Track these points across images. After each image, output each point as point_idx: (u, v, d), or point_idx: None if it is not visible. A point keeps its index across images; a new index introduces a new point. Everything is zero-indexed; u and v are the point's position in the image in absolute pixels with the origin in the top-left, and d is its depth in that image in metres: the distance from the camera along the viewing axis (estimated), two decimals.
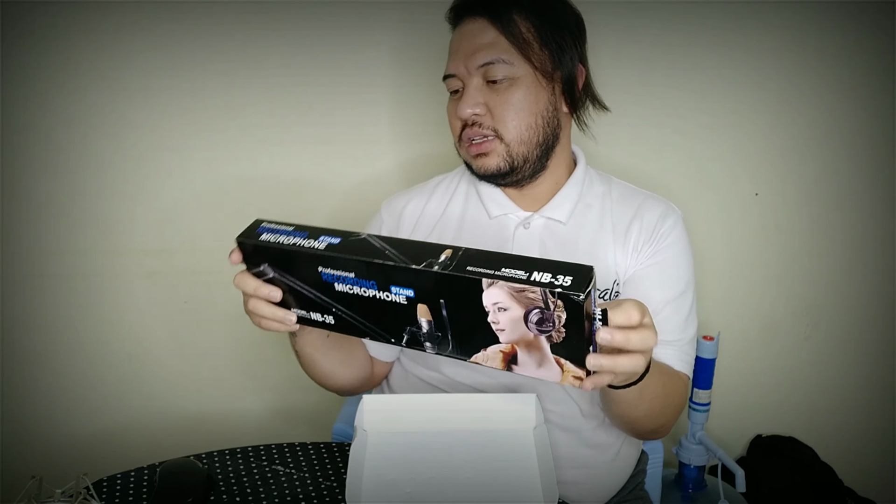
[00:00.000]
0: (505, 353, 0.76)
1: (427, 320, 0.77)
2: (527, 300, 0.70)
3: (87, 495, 0.85)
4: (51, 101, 1.41)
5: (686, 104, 1.53)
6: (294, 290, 0.84)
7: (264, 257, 0.83)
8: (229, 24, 1.42)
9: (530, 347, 0.73)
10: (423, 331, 0.78)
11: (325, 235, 0.80)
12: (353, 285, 0.78)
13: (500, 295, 0.70)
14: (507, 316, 0.72)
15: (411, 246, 0.76)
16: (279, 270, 0.83)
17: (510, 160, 1.06)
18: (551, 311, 0.69)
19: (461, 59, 1.05)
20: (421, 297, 0.75)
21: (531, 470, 0.89)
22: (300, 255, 0.79)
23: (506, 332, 0.74)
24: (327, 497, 0.92)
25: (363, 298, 0.79)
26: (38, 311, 1.50)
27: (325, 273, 0.79)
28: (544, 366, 0.74)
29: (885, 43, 1.51)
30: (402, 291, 0.76)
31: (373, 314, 0.80)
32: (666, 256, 1.08)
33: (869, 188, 1.60)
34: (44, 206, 1.46)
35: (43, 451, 1.55)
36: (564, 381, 0.74)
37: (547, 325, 0.70)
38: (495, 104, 1.04)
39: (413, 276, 0.74)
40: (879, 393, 1.72)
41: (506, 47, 1.03)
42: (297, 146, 1.50)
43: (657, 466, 1.29)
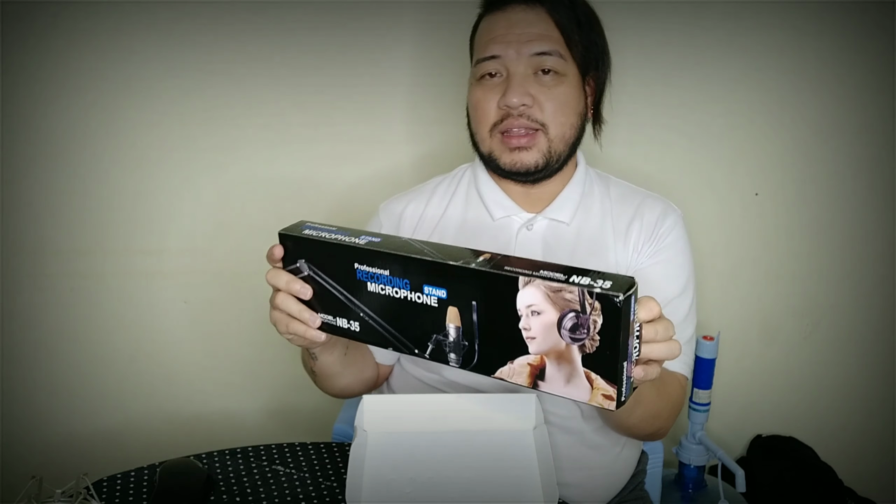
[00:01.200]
0: (533, 366, 0.72)
1: (455, 326, 0.75)
2: (563, 302, 0.68)
3: (87, 495, 0.85)
4: (51, 101, 1.41)
5: (686, 104, 1.53)
6: (324, 294, 0.84)
7: (302, 253, 0.83)
8: (229, 24, 1.42)
9: (560, 359, 0.71)
10: (450, 339, 0.76)
11: (367, 235, 0.81)
12: (385, 284, 0.78)
13: (536, 296, 0.69)
14: (540, 321, 0.70)
15: (451, 248, 0.76)
16: (315, 268, 0.83)
17: (548, 157, 1.04)
18: (587, 316, 0.67)
19: (512, 43, 1.01)
20: (453, 299, 0.74)
21: (531, 470, 0.89)
22: (340, 250, 0.80)
23: (537, 340, 0.71)
24: (327, 497, 0.92)
25: (393, 300, 0.78)
26: (39, 311, 1.50)
27: (360, 270, 0.79)
28: (573, 381, 0.71)
29: (885, 43, 1.51)
30: (434, 292, 0.75)
31: (400, 320, 0.80)
32: (666, 256, 1.08)
33: (869, 188, 1.60)
34: (44, 206, 1.46)
35: (43, 451, 1.55)
36: (593, 399, 0.70)
37: (581, 331, 0.68)
38: (546, 97, 1.01)
39: (448, 274, 0.73)
40: (879, 393, 1.72)
41: (559, 41, 1.02)
42: (297, 146, 1.50)
43: (657, 466, 1.29)
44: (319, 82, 1.47)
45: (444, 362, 0.78)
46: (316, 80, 1.46)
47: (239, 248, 1.52)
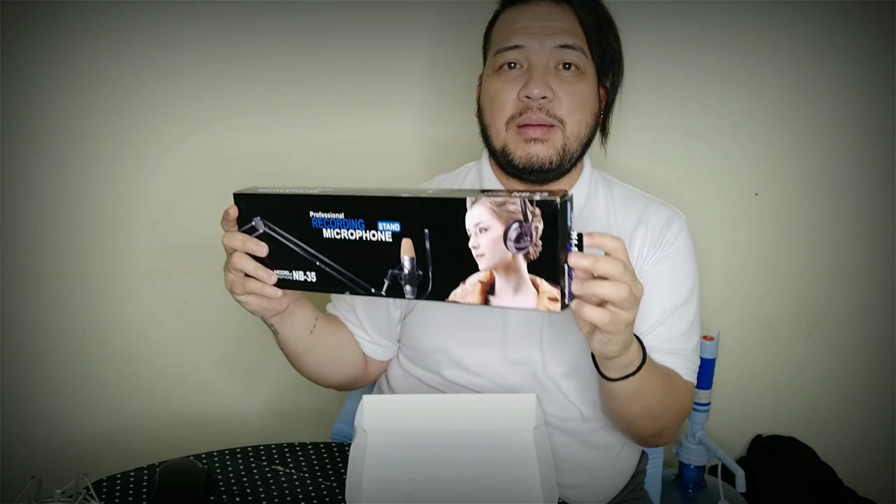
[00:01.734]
0: (483, 283, 0.79)
1: (410, 258, 0.81)
2: (507, 214, 0.75)
3: (87, 495, 0.85)
4: (51, 101, 1.41)
5: (686, 104, 1.53)
6: (280, 249, 0.88)
7: (257, 210, 0.87)
8: (233, 23, 1.42)
9: (508, 270, 0.77)
10: (405, 271, 0.82)
11: (319, 188, 0.86)
12: (341, 227, 0.83)
13: (483, 213, 0.76)
14: (488, 237, 0.77)
15: (400, 190, 0.81)
16: (270, 224, 0.87)
17: (562, 155, 1.03)
18: (529, 224, 0.75)
19: (535, 35, 1.00)
20: (406, 231, 0.80)
21: (531, 470, 0.89)
22: (295, 201, 0.84)
23: (486, 256, 0.78)
24: (327, 497, 0.92)
25: (349, 243, 0.83)
26: (38, 311, 1.50)
27: (315, 218, 0.84)
28: (521, 290, 0.77)
29: (885, 43, 1.51)
30: (388, 227, 0.81)
31: (356, 262, 0.84)
32: (671, 263, 1.07)
33: (869, 188, 1.60)
34: (44, 206, 1.46)
35: (43, 451, 1.55)
36: (540, 304, 0.77)
37: (525, 240, 0.75)
38: (565, 93, 1.01)
39: (400, 206, 0.79)
40: (879, 393, 1.72)
41: (582, 39, 1.02)
42: (300, 146, 1.50)
43: (657, 466, 1.29)
44: (323, 82, 1.46)
45: (400, 296, 0.83)
46: (319, 79, 1.46)
47: None
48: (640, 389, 0.94)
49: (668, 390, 1.01)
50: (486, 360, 1.07)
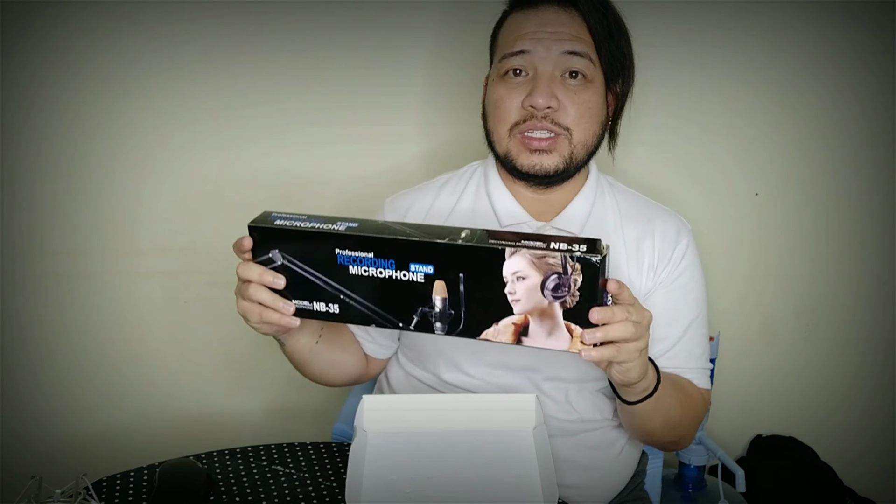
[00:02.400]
0: (517, 324, 0.80)
1: (442, 298, 0.81)
2: (546, 266, 0.76)
3: (87, 495, 0.85)
4: (51, 101, 1.41)
5: (686, 104, 1.53)
6: (300, 280, 0.85)
7: (276, 243, 0.84)
8: (234, 23, 1.42)
9: (543, 316, 0.79)
10: (437, 310, 0.81)
11: (343, 221, 0.83)
12: (369, 266, 0.81)
13: (522, 263, 0.76)
14: (525, 285, 0.78)
15: (431, 227, 0.81)
16: (289, 257, 0.84)
17: (568, 163, 1.02)
18: (568, 276, 0.76)
19: (542, 41, 0.98)
20: (440, 274, 0.79)
21: (531, 470, 0.89)
22: (318, 237, 0.82)
23: (521, 301, 0.79)
24: (327, 497, 0.92)
25: (378, 280, 0.81)
26: (39, 311, 1.50)
27: (341, 255, 0.82)
28: (555, 333, 0.79)
29: (885, 43, 1.51)
30: (421, 269, 0.80)
31: (384, 298, 0.83)
32: (684, 280, 1.07)
33: (869, 188, 1.60)
34: (44, 206, 1.46)
35: (43, 451, 1.55)
36: (573, 346, 0.80)
37: (562, 290, 0.77)
38: (572, 102, 0.99)
39: (436, 252, 0.78)
40: (879, 393, 1.72)
41: (590, 46, 1.00)
42: (301, 145, 1.50)
43: (657, 466, 1.29)
44: (326, 81, 1.46)
45: (429, 331, 0.83)
46: (320, 80, 1.46)
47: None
48: (658, 406, 0.95)
49: (683, 402, 1.02)
50: (487, 365, 1.07)
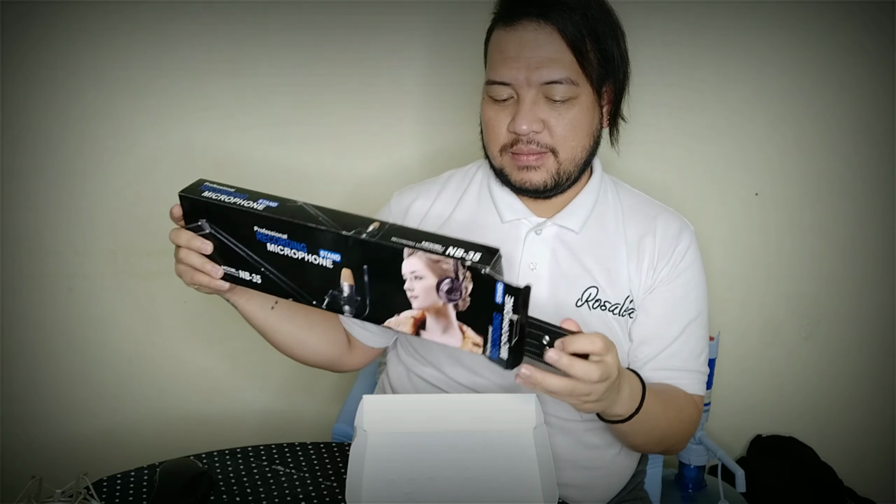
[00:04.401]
0: (416, 318, 0.83)
1: (349, 284, 0.84)
2: (441, 270, 0.79)
3: (87, 495, 0.85)
4: (51, 101, 1.41)
5: (686, 104, 1.53)
6: (226, 248, 0.89)
7: (203, 213, 0.89)
8: (234, 23, 1.42)
9: (438, 314, 0.82)
10: (344, 294, 0.85)
11: (264, 199, 0.86)
12: (284, 246, 0.85)
13: (419, 264, 0.79)
14: (422, 284, 0.80)
15: (343, 215, 0.84)
16: (215, 227, 0.89)
17: (557, 178, 1.03)
18: (460, 282, 0.79)
19: (522, 69, 0.98)
20: (346, 262, 0.83)
21: (531, 470, 0.89)
22: (239, 214, 0.85)
23: (419, 298, 0.82)
24: (327, 497, 0.92)
25: (292, 260, 0.85)
26: (38, 311, 1.50)
27: (259, 233, 0.86)
28: (448, 332, 0.82)
29: (885, 43, 1.51)
30: (329, 255, 0.83)
31: (299, 276, 0.87)
32: (684, 279, 1.07)
33: (869, 188, 1.60)
34: (44, 206, 1.46)
35: (43, 451, 1.55)
36: (465, 346, 0.82)
37: (455, 294, 0.80)
38: (556, 123, 1.00)
39: (342, 242, 0.82)
40: (879, 393, 1.72)
41: (571, 65, 0.98)
42: (301, 145, 1.50)
43: (657, 466, 1.29)
44: (326, 81, 1.46)
45: (339, 312, 0.87)
46: (319, 79, 1.46)
47: None
48: (638, 426, 0.95)
49: (671, 415, 1.02)
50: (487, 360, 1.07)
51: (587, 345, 0.80)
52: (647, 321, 1.06)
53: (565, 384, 0.80)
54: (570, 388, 0.80)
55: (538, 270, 1.06)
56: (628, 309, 1.06)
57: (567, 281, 1.06)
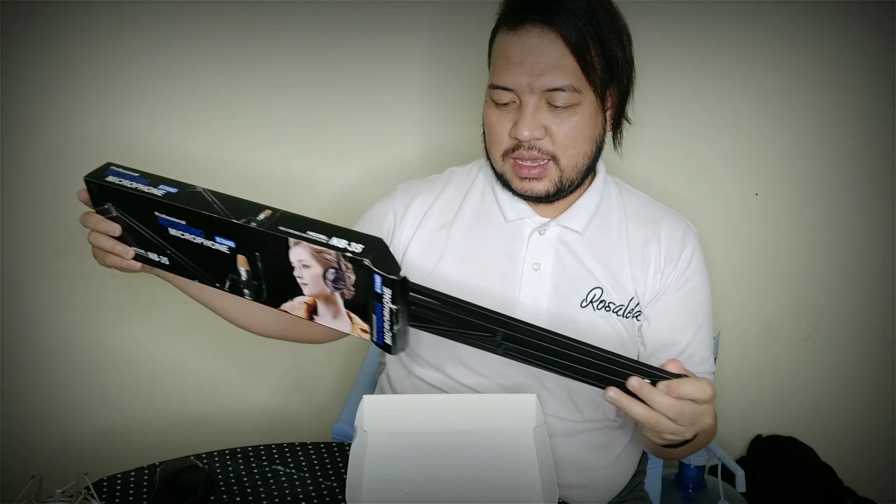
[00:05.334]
0: (308, 304, 0.86)
1: (245, 269, 0.87)
2: (325, 260, 0.81)
3: (87, 495, 0.85)
4: (51, 101, 1.41)
5: (686, 104, 1.53)
6: (134, 230, 0.92)
7: (109, 197, 0.91)
8: (233, 23, 1.41)
9: (328, 301, 0.85)
10: (243, 279, 0.88)
11: (165, 185, 0.88)
12: (184, 231, 0.88)
13: (304, 254, 0.81)
14: (310, 272, 0.83)
15: (237, 203, 0.86)
16: (121, 210, 0.92)
17: (560, 185, 1.03)
18: (343, 272, 0.81)
19: (524, 75, 0.97)
20: (240, 249, 0.85)
21: (531, 470, 0.89)
22: (139, 199, 0.88)
23: (308, 286, 0.84)
24: (327, 497, 0.92)
25: (193, 244, 0.88)
26: (39, 311, 1.50)
27: (160, 218, 0.88)
28: (338, 318, 0.85)
29: (885, 43, 1.51)
30: (224, 242, 0.86)
31: (201, 259, 0.90)
32: (693, 285, 1.08)
33: (869, 188, 1.61)
34: (44, 205, 1.46)
35: (43, 451, 1.55)
36: (354, 332, 0.86)
37: (340, 283, 0.82)
38: (558, 130, 0.99)
39: (233, 230, 0.84)
40: (879, 393, 1.72)
41: (575, 72, 0.97)
42: (301, 145, 1.50)
43: (657, 466, 1.29)
44: (326, 81, 1.46)
45: (240, 295, 0.90)
46: (318, 79, 1.46)
47: None
48: (691, 446, 0.95)
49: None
50: (491, 360, 1.07)
51: (696, 392, 0.80)
52: (661, 329, 1.06)
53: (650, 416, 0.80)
54: (654, 423, 0.80)
55: (542, 270, 1.06)
56: (633, 310, 1.06)
57: (571, 281, 1.06)
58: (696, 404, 0.80)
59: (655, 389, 0.79)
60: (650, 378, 0.80)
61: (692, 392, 0.79)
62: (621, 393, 0.80)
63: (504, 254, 1.07)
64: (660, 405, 0.79)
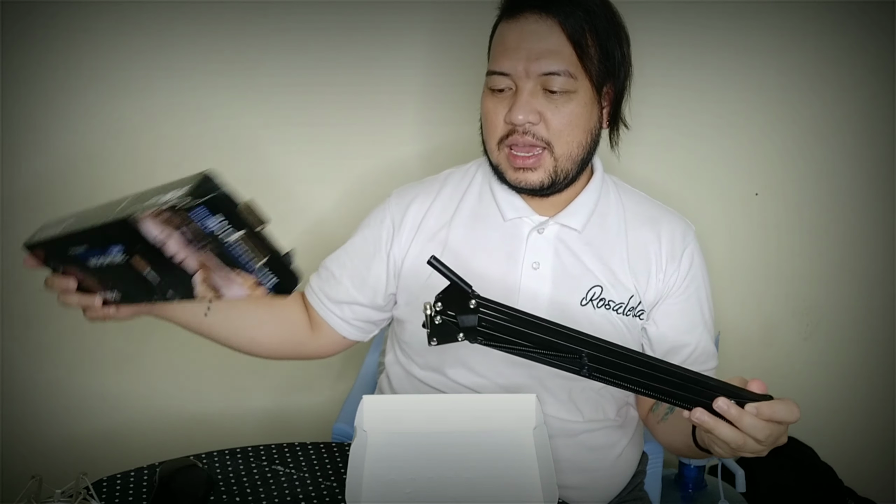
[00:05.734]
0: (205, 281, 0.77)
1: (147, 270, 0.79)
2: (171, 223, 0.71)
3: (87, 495, 0.85)
4: (51, 101, 1.41)
5: (686, 104, 1.53)
6: (85, 277, 0.87)
7: (49, 255, 0.88)
8: (233, 23, 1.42)
9: (211, 268, 0.75)
10: (154, 283, 0.79)
11: (65, 220, 0.83)
12: (92, 257, 0.81)
13: (153, 226, 0.71)
14: (174, 243, 0.73)
15: (106, 207, 0.78)
16: (59, 262, 0.88)
17: (554, 176, 1.02)
18: (188, 227, 0.71)
19: (521, 60, 0.99)
20: (129, 250, 0.77)
21: (531, 470, 0.89)
22: (57, 245, 0.83)
23: (186, 259, 0.74)
24: (327, 497, 0.92)
25: (108, 267, 0.81)
26: (38, 311, 1.50)
27: (76, 253, 0.82)
28: (231, 281, 0.76)
29: (885, 43, 1.51)
30: (115, 249, 0.78)
31: (123, 278, 0.82)
32: (695, 285, 1.09)
33: (869, 188, 1.61)
34: (44, 205, 1.46)
35: (43, 451, 1.55)
36: (251, 290, 0.76)
37: (197, 241, 0.72)
38: (553, 116, 0.99)
39: (100, 234, 0.76)
40: (879, 393, 1.72)
41: (571, 58, 0.99)
42: (296, 146, 1.50)
43: (657, 466, 1.29)
44: (325, 81, 1.46)
45: (168, 301, 0.82)
46: (318, 79, 1.46)
47: None
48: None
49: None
50: (491, 360, 1.07)
51: (787, 415, 0.78)
52: (671, 332, 1.07)
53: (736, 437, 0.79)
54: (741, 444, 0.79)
55: (542, 269, 1.06)
56: (633, 308, 1.06)
57: (571, 280, 1.06)
58: (781, 425, 0.79)
59: (744, 412, 0.78)
60: (736, 398, 0.78)
61: (783, 416, 0.78)
62: (708, 413, 0.78)
63: (503, 253, 1.07)
64: (749, 427, 0.78)
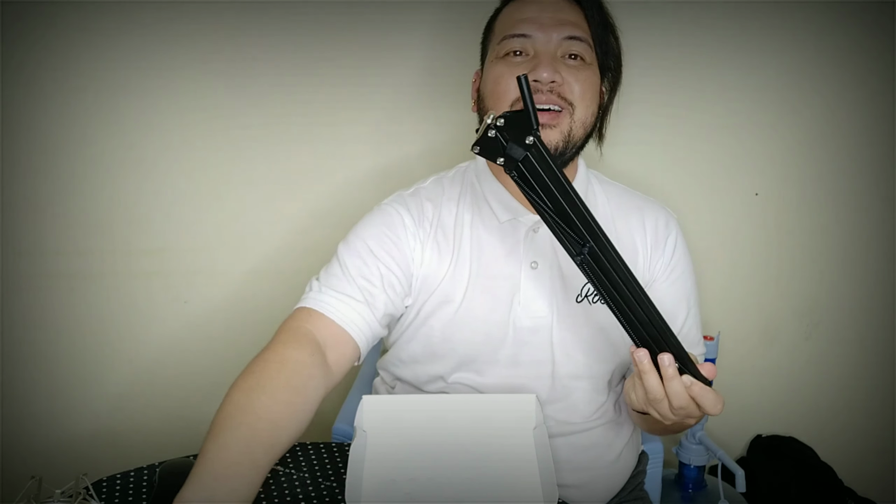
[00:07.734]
0: None
1: None
2: None
3: (87, 495, 0.85)
4: (51, 101, 1.41)
5: (686, 104, 1.53)
6: None
7: None
8: (232, 23, 1.42)
9: None
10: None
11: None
12: None
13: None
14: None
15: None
16: None
17: (567, 141, 1.01)
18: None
19: (543, 26, 1.00)
20: None
21: (531, 470, 0.89)
22: None
23: None
24: (327, 497, 0.92)
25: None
26: (38, 311, 1.50)
27: None
28: None
29: (885, 43, 1.51)
30: None
31: None
32: (679, 271, 1.10)
33: (869, 188, 1.61)
34: (44, 206, 1.46)
35: (43, 451, 1.55)
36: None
37: None
38: (575, 79, 1.00)
39: None
40: (879, 393, 1.72)
41: (587, 34, 1.02)
42: (296, 146, 1.50)
43: (657, 466, 1.29)
44: (325, 81, 1.46)
45: None
46: (317, 79, 1.46)
47: (239, 248, 1.52)
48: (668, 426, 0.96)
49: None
50: (497, 362, 1.07)
51: (709, 404, 0.83)
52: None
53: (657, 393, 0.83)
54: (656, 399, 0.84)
55: (540, 268, 1.06)
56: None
57: (566, 277, 1.06)
58: (698, 409, 0.84)
59: (678, 377, 0.81)
60: (681, 364, 0.82)
61: (706, 402, 0.83)
62: (649, 358, 0.82)
63: (503, 254, 1.07)
64: (672, 390, 0.82)
